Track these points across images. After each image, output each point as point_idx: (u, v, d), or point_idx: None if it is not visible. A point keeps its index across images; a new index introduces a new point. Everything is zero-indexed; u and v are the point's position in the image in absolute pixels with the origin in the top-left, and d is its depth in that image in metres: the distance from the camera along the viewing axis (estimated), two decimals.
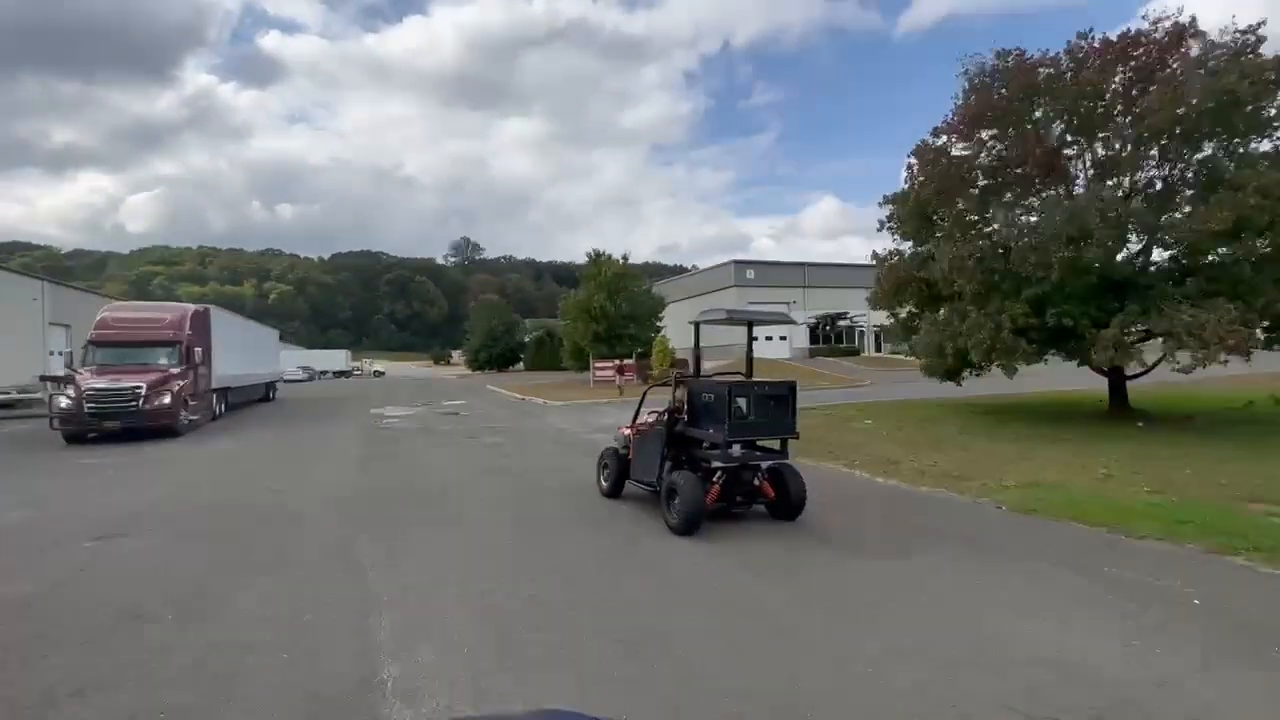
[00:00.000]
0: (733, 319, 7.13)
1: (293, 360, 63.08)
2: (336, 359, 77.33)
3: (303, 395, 35.02)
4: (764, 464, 6.56)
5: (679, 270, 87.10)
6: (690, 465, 6.60)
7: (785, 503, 6.45)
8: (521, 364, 65.90)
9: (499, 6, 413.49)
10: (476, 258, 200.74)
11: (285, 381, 50.94)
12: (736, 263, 46.68)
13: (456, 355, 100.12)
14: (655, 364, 32.42)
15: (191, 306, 18.43)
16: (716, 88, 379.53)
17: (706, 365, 8.04)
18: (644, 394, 7.97)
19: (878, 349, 49.15)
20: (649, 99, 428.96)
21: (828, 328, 47.72)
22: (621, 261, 39.20)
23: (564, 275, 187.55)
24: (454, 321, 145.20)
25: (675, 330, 36.05)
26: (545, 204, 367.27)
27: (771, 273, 47.81)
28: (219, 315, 21.01)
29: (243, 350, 24.28)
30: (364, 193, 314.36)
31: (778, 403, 6.32)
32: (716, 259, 58.52)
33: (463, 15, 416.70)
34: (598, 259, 39.63)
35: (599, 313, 36.88)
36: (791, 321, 8.48)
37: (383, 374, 75.44)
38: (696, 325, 7.24)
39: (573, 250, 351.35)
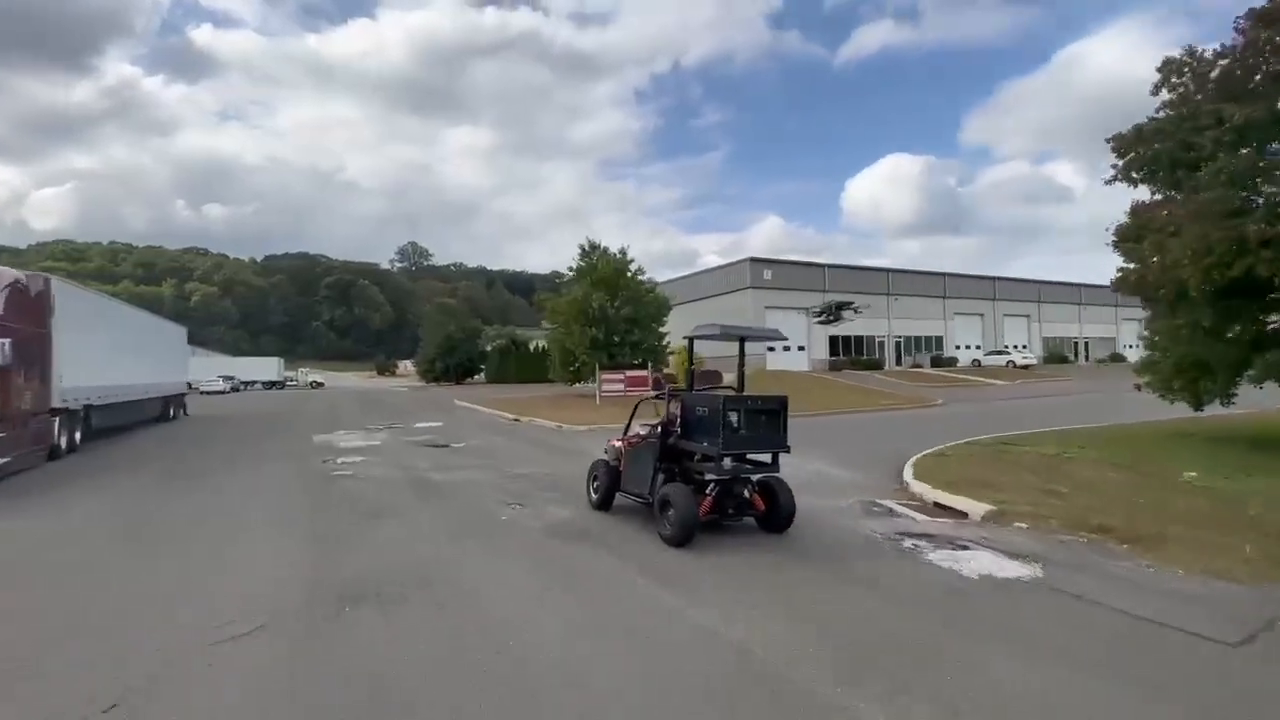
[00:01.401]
0: (727, 334, 6.97)
1: (213, 368, 54.12)
2: (267, 368, 67.69)
3: (220, 412, 27.26)
4: (754, 477, 6.40)
5: None
6: (683, 478, 6.46)
7: (775, 515, 6.30)
8: (482, 375, 59.07)
9: (448, 14, 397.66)
10: (424, 264, 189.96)
11: (202, 394, 42.68)
12: (753, 261, 40.77)
13: (404, 365, 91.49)
14: (678, 375, 26.28)
15: (11, 273, 11.13)
16: (666, 106, 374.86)
17: (726, 378, 7.57)
18: (635, 407, 7.80)
19: (898, 362, 44.42)
20: (599, 114, 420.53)
21: (830, 317, 41.64)
22: (621, 255, 32.85)
23: (517, 284, 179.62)
24: (399, 329, 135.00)
25: (675, 337, 30.10)
26: (494, 213, 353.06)
27: (790, 273, 42.36)
28: (72, 294, 13.69)
29: (126, 350, 17.24)
30: (302, 195, 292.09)
31: (769, 417, 6.23)
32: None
33: (410, 20, 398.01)
34: (591, 251, 33.19)
35: (597, 315, 30.54)
36: (783, 338, 7.98)
37: (321, 385, 66.75)
38: (691, 340, 7.27)
39: (523, 260, 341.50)
